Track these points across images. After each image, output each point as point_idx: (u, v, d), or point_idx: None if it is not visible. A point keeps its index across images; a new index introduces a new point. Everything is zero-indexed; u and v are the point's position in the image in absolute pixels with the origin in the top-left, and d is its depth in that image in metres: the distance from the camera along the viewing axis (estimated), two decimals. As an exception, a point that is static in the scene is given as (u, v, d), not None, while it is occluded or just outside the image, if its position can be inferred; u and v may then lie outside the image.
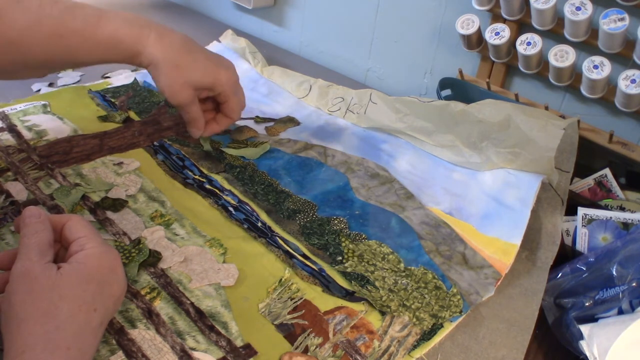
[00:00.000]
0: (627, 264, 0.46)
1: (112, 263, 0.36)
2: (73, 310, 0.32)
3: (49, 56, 0.49)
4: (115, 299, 0.36)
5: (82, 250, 0.35)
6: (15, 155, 0.57)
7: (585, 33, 0.66)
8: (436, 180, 0.65)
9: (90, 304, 0.33)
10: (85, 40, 0.49)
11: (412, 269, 0.51)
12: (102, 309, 0.34)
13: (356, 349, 0.42)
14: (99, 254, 0.36)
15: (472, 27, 0.73)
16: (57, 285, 0.32)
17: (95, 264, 0.35)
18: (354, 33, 0.97)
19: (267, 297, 0.45)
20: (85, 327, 0.33)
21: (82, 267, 0.34)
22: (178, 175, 0.60)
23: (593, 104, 0.73)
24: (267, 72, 0.86)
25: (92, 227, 0.38)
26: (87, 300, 0.33)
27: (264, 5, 1.06)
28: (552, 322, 0.49)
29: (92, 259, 0.35)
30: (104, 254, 0.36)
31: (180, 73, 0.53)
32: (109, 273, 0.36)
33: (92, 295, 0.34)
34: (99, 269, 0.35)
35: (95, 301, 0.34)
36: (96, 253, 0.36)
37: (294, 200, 0.59)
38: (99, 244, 0.36)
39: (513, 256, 0.53)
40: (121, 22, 0.50)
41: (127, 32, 0.50)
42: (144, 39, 0.51)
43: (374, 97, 0.73)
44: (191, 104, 0.56)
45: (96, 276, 0.35)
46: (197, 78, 0.54)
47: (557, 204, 0.58)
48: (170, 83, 0.53)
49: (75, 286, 0.33)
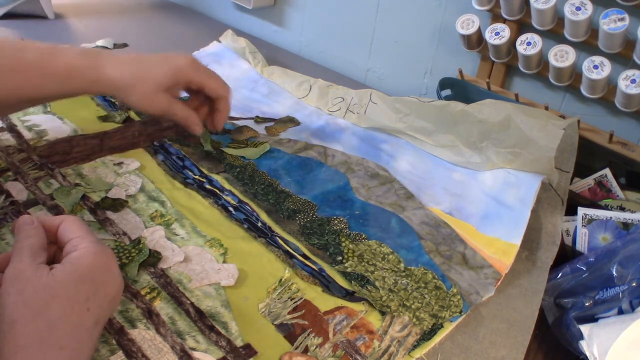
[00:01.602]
0: (627, 264, 0.46)
1: (106, 262, 0.36)
2: (65, 310, 0.32)
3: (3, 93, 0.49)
4: (110, 298, 0.36)
5: (76, 250, 0.35)
6: (15, 155, 0.57)
7: (585, 33, 0.66)
8: (436, 180, 0.65)
9: (82, 304, 0.33)
10: (41, 73, 0.49)
11: (412, 269, 0.51)
12: (96, 308, 0.34)
13: (356, 349, 0.42)
14: (93, 254, 0.35)
15: (472, 27, 0.73)
16: (49, 285, 0.32)
17: (89, 263, 0.35)
18: (354, 33, 0.97)
19: (267, 297, 0.45)
20: (78, 327, 0.32)
21: (75, 267, 0.34)
22: (178, 175, 0.60)
23: (593, 104, 0.73)
24: (267, 72, 0.86)
25: (86, 227, 0.38)
26: (79, 299, 0.33)
27: (264, 5, 1.06)
28: (552, 322, 0.49)
29: (85, 259, 0.35)
30: (98, 253, 0.36)
31: (145, 83, 0.53)
32: (104, 272, 0.36)
33: (85, 295, 0.33)
34: (92, 269, 0.35)
35: (88, 301, 0.33)
36: (89, 252, 0.35)
37: (294, 200, 0.59)
38: (92, 244, 0.36)
39: (513, 256, 0.53)
40: (75, 53, 0.51)
41: (83, 61, 0.51)
42: (100, 65, 0.51)
43: (374, 97, 0.73)
44: (172, 106, 0.56)
45: (89, 276, 0.34)
46: (160, 78, 0.54)
47: (557, 204, 0.58)
48: (141, 97, 0.53)
49: (67, 286, 0.33)
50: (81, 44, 0.92)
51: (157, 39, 1.02)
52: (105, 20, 1.09)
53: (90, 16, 1.10)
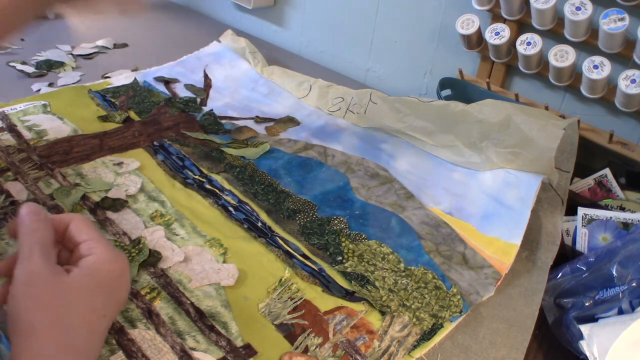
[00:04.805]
0: (627, 264, 0.46)
1: (121, 268, 0.36)
2: (84, 317, 0.32)
3: None
4: (121, 303, 0.36)
5: (92, 254, 0.35)
6: (15, 155, 0.57)
7: (585, 33, 0.66)
8: (436, 180, 0.65)
9: (100, 310, 0.33)
10: None
11: (412, 269, 0.51)
12: (110, 314, 0.34)
13: (356, 349, 0.42)
14: (109, 260, 0.35)
15: (472, 27, 0.73)
16: (68, 290, 0.32)
17: (106, 269, 0.34)
18: (354, 33, 0.97)
19: (267, 297, 0.45)
20: (94, 332, 0.32)
21: (93, 273, 0.34)
22: (178, 175, 0.60)
23: (593, 104, 0.73)
24: (267, 72, 0.86)
25: (97, 229, 0.37)
26: (97, 306, 0.33)
27: (264, 5, 1.06)
28: (552, 322, 0.49)
29: (103, 265, 0.34)
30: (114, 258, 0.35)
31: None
32: (118, 278, 0.35)
33: (102, 302, 0.33)
34: (109, 274, 0.34)
35: (105, 307, 0.33)
36: (106, 258, 0.35)
37: (294, 200, 0.59)
38: (108, 249, 0.36)
39: (513, 256, 0.53)
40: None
41: None
42: None
43: (374, 97, 0.73)
44: None
45: (106, 282, 0.34)
46: None
47: (557, 204, 0.57)
48: None
49: (85, 292, 0.33)
50: (81, 44, 0.93)
51: (157, 39, 1.02)
52: (105, 20, 1.09)
53: (90, 16, 1.10)
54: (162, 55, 0.90)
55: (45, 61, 0.82)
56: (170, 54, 0.91)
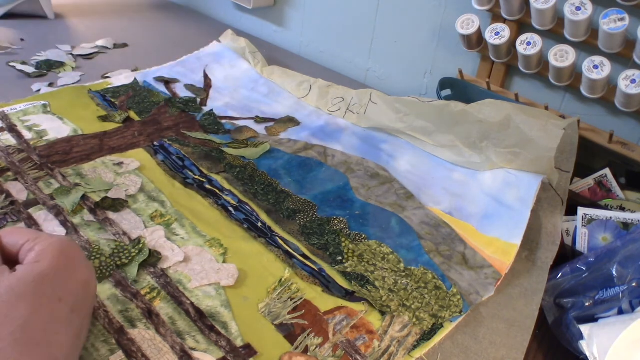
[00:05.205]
0: (627, 264, 0.46)
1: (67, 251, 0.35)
2: (34, 307, 0.32)
3: None
4: (83, 283, 0.35)
5: (33, 250, 0.35)
6: (15, 155, 0.57)
7: (585, 33, 0.66)
8: (436, 180, 0.65)
9: (51, 296, 0.33)
10: None
11: (412, 269, 0.51)
12: (69, 296, 0.33)
13: (356, 349, 0.42)
14: (51, 248, 0.35)
15: (472, 27, 0.73)
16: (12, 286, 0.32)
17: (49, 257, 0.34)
18: (354, 33, 0.97)
19: (267, 297, 0.45)
20: (52, 319, 0.32)
21: (37, 265, 0.34)
22: (178, 175, 0.60)
23: (593, 104, 0.73)
24: (267, 72, 0.86)
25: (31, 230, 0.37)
26: (46, 293, 0.32)
27: (264, 5, 1.06)
28: (552, 322, 0.49)
29: (45, 254, 0.34)
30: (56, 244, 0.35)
31: None
32: (68, 261, 0.35)
33: (52, 288, 0.33)
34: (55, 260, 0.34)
35: (56, 291, 0.33)
36: (48, 248, 0.35)
37: (294, 200, 0.59)
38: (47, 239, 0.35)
39: (513, 256, 0.53)
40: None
41: None
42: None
43: (374, 97, 0.73)
44: None
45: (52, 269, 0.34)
46: None
47: (557, 204, 0.57)
48: None
49: (31, 283, 0.32)
50: (81, 44, 0.93)
51: (157, 39, 1.02)
52: (105, 20, 1.09)
53: (90, 16, 1.10)
54: (162, 55, 0.90)
55: (45, 61, 0.83)
56: (170, 54, 0.91)
